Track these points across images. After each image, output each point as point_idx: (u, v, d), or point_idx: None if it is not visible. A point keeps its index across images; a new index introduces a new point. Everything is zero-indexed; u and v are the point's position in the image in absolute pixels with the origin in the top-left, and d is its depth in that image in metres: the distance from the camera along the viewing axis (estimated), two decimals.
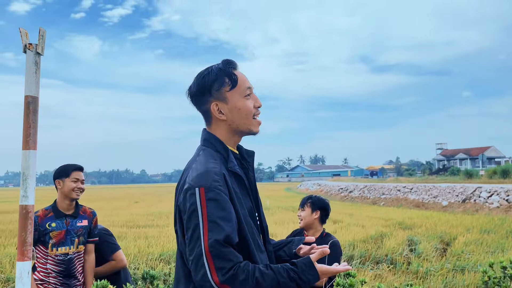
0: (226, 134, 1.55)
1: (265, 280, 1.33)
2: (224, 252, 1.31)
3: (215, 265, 1.30)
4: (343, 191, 30.72)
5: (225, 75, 1.53)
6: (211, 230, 1.33)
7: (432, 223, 12.40)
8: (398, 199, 22.09)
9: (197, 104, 1.57)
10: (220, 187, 1.39)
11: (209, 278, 1.30)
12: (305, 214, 3.09)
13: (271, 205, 21.65)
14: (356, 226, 12.23)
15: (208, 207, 1.35)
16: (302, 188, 46.77)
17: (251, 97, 1.56)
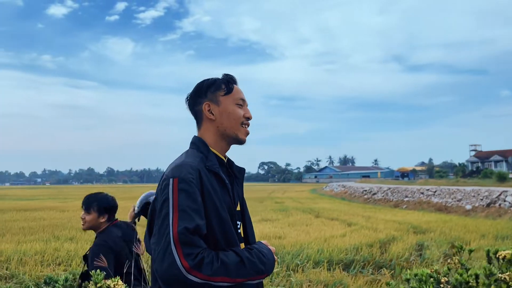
0: (213, 137, 1.60)
1: (229, 259, 1.36)
2: (193, 239, 1.33)
3: (183, 252, 1.31)
4: (366, 193, 30.20)
5: (222, 82, 1.62)
6: (181, 219, 1.34)
7: (448, 228, 12.04)
8: (421, 202, 21.53)
9: (191, 105, 1.64)
10: (192, 179, 1.42)
11: (179, 265, 1.30)
12: (91, 217, 2.94)
13: (290, 207, 21.57)
14: (368, 229, 12.02)
15: (180, 197, 1.38)
16: (327, 189, 46.31)
17: (243, 108, 1.63)
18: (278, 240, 10.03)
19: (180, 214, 1.35)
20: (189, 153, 1.57)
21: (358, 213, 17.90)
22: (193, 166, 1.46)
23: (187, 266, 1.30)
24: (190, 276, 1.30)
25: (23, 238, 10.55)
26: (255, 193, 43.60)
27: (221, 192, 1.50)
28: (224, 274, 1.35)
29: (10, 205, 24.23)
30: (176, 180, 1.41)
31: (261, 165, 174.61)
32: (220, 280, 1.34)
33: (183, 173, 1.43)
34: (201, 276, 1.31)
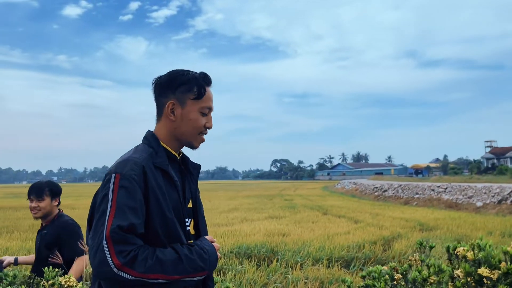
0: (168, 135, 1.57)
1: (165, 256, 1.35)
2: (126, 237, 1.31)
3: (115, 249, 1.30)
4: (377, 190, 29.96)
5: (196, 84, 1.56)
6: (117, 217, 1.33)
7: (455, 225, 11.88)
8: (431, 199, 21.28)
9: (158, 94, 1.58)
10: (135, 176, 1.39)
11: (109, 262, 1.28)
12: (45, 203, 2.96)
13: (298, 204, 21.53)
14: (374, 226, 11.93)
15: (119, 194, 1.36)
16: (338, 186, 46.08)
17: (207, 116, 1.59)
18: (281, 237, 10.02)
19: (116, 211, 1.34)
20: (138, 148, 1.55)
21: (367, 210, 17.77)
22: (137, 162, 1.43)
23: (118, 264, 1.29)
24: (121, 273, 1.29)
25: (30, 235, 10.73)
26: (265, 190, 43.62)
27: (167, 189, 1.47)
28: (160, 271, 1.33)
29: (23, 203, 24.63)
30: (118, 176, 1.39)
31: (274, 162, 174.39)
32: (154, 277, 1.32)
33: (125, 169, 1.40)
34: (134, 274, 1.30)
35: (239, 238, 9.86)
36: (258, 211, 17.85)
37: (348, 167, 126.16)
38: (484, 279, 1.44)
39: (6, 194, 42.50)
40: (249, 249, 8.28)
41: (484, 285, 1.45)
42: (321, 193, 35.43)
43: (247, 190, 44.40)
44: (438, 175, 74.81)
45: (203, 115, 1.57)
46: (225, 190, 47.03)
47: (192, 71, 1.60)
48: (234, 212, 17.48)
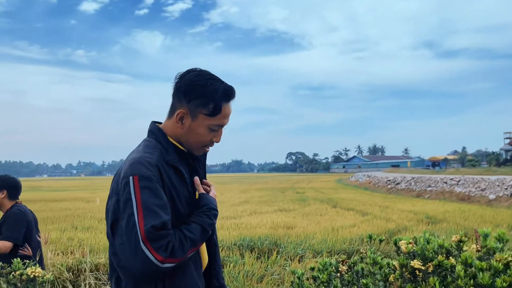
0: (174, 135, 1.56)
1: (194, 234, 1.43)
2: (161, 234, 1.34)
3: (154, 247, 1.33)
4: (390, 183, 29.77)
5: (213, 101, 1.50)
6: (147, 217, 1.34)
7: (463, 218, 11.80)
8: (444, 192, 21.08)
9: (174, 95, 1.55)
10: (153, 176, 1.40)
11: (153, 260, 1.32)
12: None
13: (309, 197, 21.56)
14: (381, 219, 11.93)
15: (143, 195, 1.36)
16: (352, 179, 45.87)
17: (216, 132, 1.56)
18: (286, 230, 10.11)
19: (145, 212, 1.35)
20: (147, 144, 1.54)
21: (377, 203, 17.72)
22: (151, 162, 1.43)
23: (162, 259, 1.34)
24: (166, 264, 1.35)
25: (44, 227, 11.03)
26: (279, 183, 43.70)
27: (179, 186, 1.49)
28: (193, 246, 1.43)
29: (41, 196, 25.27)
30: (137, 177, 1.39)
31: (289, 155, 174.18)
32: (190, 253, 1.43)
33: (142, 170, 1.40)
34: (177, 260, 1.38)
35: (244, 230, 9.98)
36: (268, 204, 17.95)
37: (363, 160, 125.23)
38: (417, 271, 1.50)
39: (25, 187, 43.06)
40: (252, 241, 8.40)
41: (417, 277, 1.52)
42: (334, 186, 35.36)
43: (261, 183, 44.56)
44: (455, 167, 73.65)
45: (212, 131, 1.54)
46: (239, 183, 47.27)
47: (216, 83, 1.53)
48: (245, 205, 17.61)
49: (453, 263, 1.55)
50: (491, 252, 1.52)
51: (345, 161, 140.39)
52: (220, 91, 1.51)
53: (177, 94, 1.54)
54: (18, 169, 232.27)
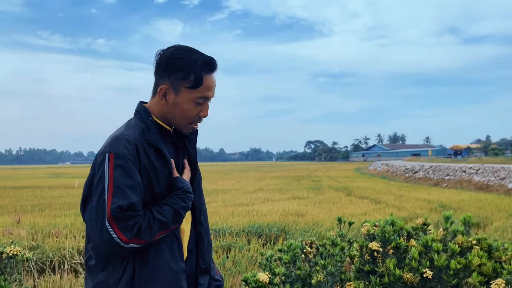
0: (159, 113, 1.54)
1: (165, 217, 1.40)
2: (127, 215, 1.33)
3: (119, 227, 1.32)
4: (408, 171, 29.40)
5: (193, 73, 1.48)
6: (115, 196, 1.34)
7: (478, 207, 11.60)
8: (462, 181, 20.72)
9: (156, 72, 1.53)
10: (129, 155, 1.39)
11: (116, 240, 1.32)
12: None
13: (324, 185, 21.49)
14: (394, 207, 11.85)
15: (115, 173, 1.36)
16: (371, 168, 45.45)
17: (202, 106, 1.53)
18: (296, 217, 10.14)
19: (114, 191, 1.34)
20: (131, 123, 1.52)
21: (392, 191, 17.55)
22: (130, 140, 1.41)
23: (125, 239, 1.33)
24: (131, 245, 1.34)
25: (60, 212, 11.37)
26: (295, 171, 43.63)
27: (160, 166, 1.46)
28: (163, 229, 1.40)
29: (61, 182, 25.89)
30: (112, 155, 1.38)
31: (308, 144, 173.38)
32: (159, 235, 1.40)
33: (119, 148, 1.39)
34: (142, 242, 1.36)
35: (254, 217, 10.05)
36: (282, 192, 17.98)
37: (383, 148, 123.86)
38: (375, 253, 1.50)
39: (48, 174, 44.64)
40: (260, 228, 8.46)
41: (376, 258, 1.52)
42: (351, 175, 35.12)
43: (277, 171, 44.59)
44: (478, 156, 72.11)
45: (197, 104, 1.51)
46: (256, 171, 47.41)
47: (196, 55, 1.50)
48: (259, 193, 17.69)
49: (414, 246, 1.55)
50: (452, 235, 1.50)
51: (364, 149, 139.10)
52: (199, 62, 1.48)
53: (158, 70, 1.52)
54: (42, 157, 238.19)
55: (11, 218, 9.93)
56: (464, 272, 1.39)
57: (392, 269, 1.39)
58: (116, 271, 1.40)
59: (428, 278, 1.38)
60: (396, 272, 1.38)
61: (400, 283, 1.36)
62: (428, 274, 1.39)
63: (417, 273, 1.41)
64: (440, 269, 1.37)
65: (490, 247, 1.61)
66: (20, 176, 38.21)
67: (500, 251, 1.56)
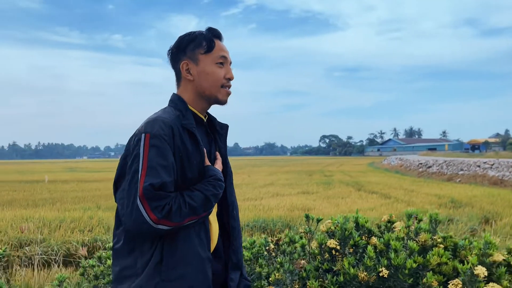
0: (192, 97, 1.57)
1: (196, 201, 1.40)
2: (159, 194, 1.34)
3: (150, 206, 1.32)
4: (422, 166, 29.02)
5: (204, 38, 1.55)
6: (149, 175, 1.35)
7: (489, 203, 11.38)
8: (476, 176, 20.35)
9: (172, 61, 1.59)
10: (165, 136, 1.40)
11: (146, 219, 1.32)
12: None
13: (335, 180, 21.36)
14: (402, 202, 11.70)
15: (150, 153, 1.37)
16: (385, 162, 45.00)
17: (225, 67, 1.57)
18: (303, 212, 10.10)
19: (148, 170, 1.35)
20: (166, 110, 1.54)
21: (403, 186, 17.35)
22: (166, 122, 1.43)
23: (155, 219, 1.33)
24: (160, 226, 1.34)
25: (70, 206, 11.53)
26: (309, 166, 43.46)
27: (193, 151, 1.48)
28: (193, 214, 1.39)
29: (76, 177, 26.29)
30: (148, 135, 1.40)
31: (322, 138, 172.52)
32: (188, 220, 1.39)
33: (155, 128, 1.41)
34: (171, 224, 1.35)
35: (261, 212, 10.05)
36: (292, 187, 17.94)
37: (399, 143, 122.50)
38: (333, 251, 1.47)
39: (65, 168, 45.37)
40: (265, 222, 8.45)
41: (335, 256, 1.48)
42: (365, 169, 34.83)
43: (290, 166, 44.50)
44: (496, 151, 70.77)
45: (219, 65, 1.55)
46: (269, 165, 47.39)
47: (197, 30, 1.59)
48: (269, 187, 17.68)
49: (376, 244, 1.51)
50: (415, 233, 1.46)
51: (380, 144, 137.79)
52: (205, 31, 1.57)
53: (173, 57, 1.58)
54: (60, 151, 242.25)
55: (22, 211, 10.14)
56: (423, 271, 1.34)
57: (347, 268, 1.36)
58: (143, 255, 1.40)
59: (385, 277, 1.34)
60: (350, 271, 1.34)
61: (355, 282, 1.32)
62: (384, 273, 1.35)
63: (374, 272, 1.37)
64: (397, 268, 1.33)
65: (455, 245, 1.56)
66: (37, 170, 38.88)
67: (467, 250, 1.51)
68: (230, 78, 1.57)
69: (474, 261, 1.30)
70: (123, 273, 1.42)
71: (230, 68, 1.58)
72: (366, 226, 1.53)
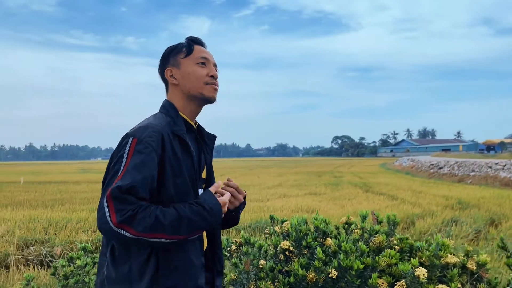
0: (181, 101, 1.60)
1: (165, 217, 1.33)
2: (125, 198, 1.31)
3: (114, 207, 1.30)
4: (433, 167, 28.72)
5: (183, 46, 1.62)
6: (122, 178, 1.33)
7: (497, 204, 11.23)
8: (487, 177, 20.07)
9: (160, 74, 1.65)
10: (152, 143, 1.40)
11: (108, 219, 1.29)
12: None
13: (344, 181, 21.26)
14: (409, 204, 11.62)
15: (133, 158, 1.37)
16: (396, 164, 44.61)
17: (207, 67, 1.60)
18: (307, 213, 10.10)
19: (125, 173, 1.34)
20: (157, 116, 1.56)
21: (412, 187, 17.20)
22: (156, 129, 1.44)
23: (115, 221, 1.29)
24: (120, 230, 1.30)
25: (78, 207, 11.70)
26: (319, 167, 43.32)
27: (183, 157, 1.48)
28: (160, 231, 1.33)
29: (86, 178, 26.62)
30: (135, 140, 1.40)
31: (335, 139, 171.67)
32: (155, 236, 1.32)
33: (144, 135, 1.41)
34: (133, 232, 1.30)
35: (265, 213, 10.06)
36: (300, 188, 17.92)
37: (412, 144, 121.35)
38: (287, 252, 1.49)
39: (77, 169, 45.96)
40: (267, 223, 8.48)
41: (289, 257, 1.51)
42: (375, 170, 34.59)
43: (300, 167, 44.38)
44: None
45: (201, 65, 1.59)
46: (279, 167, 47.35)
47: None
48: (277, 188, 17.68)
49: (331, 245, 1.53)
50: (367, 234, 1.48)
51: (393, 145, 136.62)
52: (184, 40, 1.63)
53: (159, 71, 1.65)
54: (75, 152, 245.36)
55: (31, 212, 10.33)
56: (372, 272, 1.36)
57: (296, 269, 1.38)
58: (139, 263, 1.39)
59: (334, 278, 1.36)
60: (299, 272, 1.37)
61: (304, 283, 1.35)
62: (333, 274, 1.37)
63: (323, 274, 1.39)
64: (346, 270, 1.35)
65: (411, 247, 1.57)
66: (50, 171, 39.48)
67: (423, 251, 1.52)
68: (214, 76, 1.60)
69: (415, 263, 1.32)
70: (118, 280, 1.41)
71: (213, 68, 1.61)
72: (320, 228, 1.55)
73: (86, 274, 2.39)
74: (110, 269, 1.44)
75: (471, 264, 1.47)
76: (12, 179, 26.23)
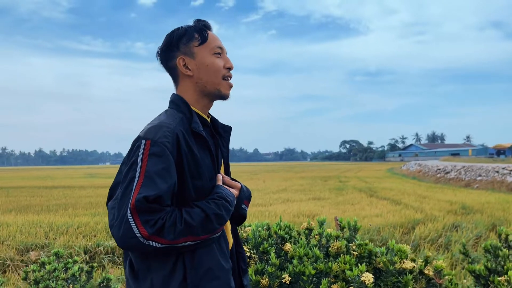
0: (193, 95, 1.46)
1: (193, 219, 1.26)
2: (151, 207, 1.21)
3: (141, 219, 1.20)
4: (440, 172, 28.49)
5: (195, 30, 1.45)
6: (144, 186, 1.22)
7: (501, 209, 11.11)
8: (494, 182, 19.86)
9: (164, 61, 1.49)
10: (167, 143, 1.28)
11: (136, 233, 1.19)
12: None
13: (349, 186, 21.17)
14: (412, 209, 11.54)
15: (149, 162, 1.25)
16: (404, 168, 44.32)
17: (222, 57, 1.47)
18: (307, 218, 10.06)
19: (144, 180, 1.23)
20: (168, 113, 1.43)
21: (417, 192, 17.08)
22: (170, 128, 1.32)
23: (146, 234, 1.20)
24: (150, 242, 1.21)
25: (81, 212, 11.79)
26: (325, 172, 43.17)
27: (201, 155, 1.38)
28: (189, 233, 1.26)
29: (92, 183, 26.80)
30: (149, 142, 1.28)
31: (343, 143, 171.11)
32: (184, 240, 1.25)
33: (158, 135, 1.29)
34: (163, 241, 1.22)
35: (267, 218, 10.05)
36: (305, 193, 17.88)
37: (421, 148, 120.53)
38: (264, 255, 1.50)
39: (85, 174, 46.27)
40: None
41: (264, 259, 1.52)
42: (382, 175, 34.38)
43: (307, 172, 44.28)
44: None
45: (217, 56, 1.46)
46: (286, 171, 47.28)
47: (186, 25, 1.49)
48: (281, 193, 17.66)
49: (288, 250, 1.54)
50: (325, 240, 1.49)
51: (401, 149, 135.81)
52: (193, 24, 1.48)
53: (165, 56, 1.48)
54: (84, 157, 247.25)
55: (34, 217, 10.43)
56: (325, 277, 1.36)
57: (250, 274, 1.39)
58: (163, 273, 1.30)
59: (286, 283, 1.37)
60: (253, 278, 1.38)
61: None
62: (287, 280, 1.38)
63: (277, 279, 1.39)
64: (299, 275, 1.36)
65: (370, 253, 1.57)
66: (58, 176, 39.81)
67: (381, 257, 1.52)
68: (230, 68, 1.48)
69: (362, 268, 1.32)
70: None
71: (228, 58, 1.49)
72: (279, 233, 1.56)
73: (54, 279, 2.41)
74: (130, 285, 1.36)
75: (428, 270, 1.46)
76: (20, 184, 26.51)
